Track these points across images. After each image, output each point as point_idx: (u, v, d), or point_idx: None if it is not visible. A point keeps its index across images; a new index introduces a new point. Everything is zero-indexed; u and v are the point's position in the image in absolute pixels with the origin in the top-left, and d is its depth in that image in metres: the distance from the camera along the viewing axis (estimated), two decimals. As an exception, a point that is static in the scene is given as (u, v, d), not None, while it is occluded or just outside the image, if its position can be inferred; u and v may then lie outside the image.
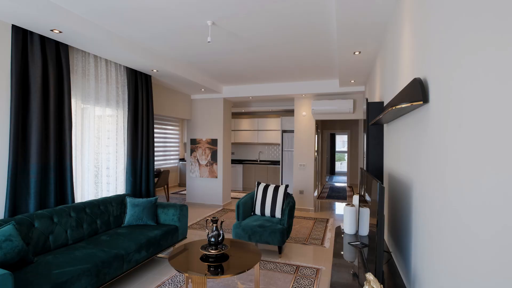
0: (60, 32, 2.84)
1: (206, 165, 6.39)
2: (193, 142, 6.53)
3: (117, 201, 3.51)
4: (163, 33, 3.28)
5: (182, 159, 9.32)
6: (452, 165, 1.03)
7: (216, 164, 6.32)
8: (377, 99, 3.30)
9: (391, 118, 2.14)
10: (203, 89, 5.75)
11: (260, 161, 8.96)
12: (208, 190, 6.41)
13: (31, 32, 2.82)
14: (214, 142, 6.35)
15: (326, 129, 10.06)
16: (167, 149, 8.62)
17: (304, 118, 6.08)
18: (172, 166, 8.94)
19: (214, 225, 2.43)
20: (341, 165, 16.48)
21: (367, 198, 2.36)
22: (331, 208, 6.36)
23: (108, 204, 3.37)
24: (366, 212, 2.54)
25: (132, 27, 3.13)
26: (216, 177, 6.32)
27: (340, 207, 6.48)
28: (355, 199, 2.97)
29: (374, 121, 2.37)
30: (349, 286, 1.82)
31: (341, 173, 13.19)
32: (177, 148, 9.16)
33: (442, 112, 1.14)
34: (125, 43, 3.46)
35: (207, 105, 6.43)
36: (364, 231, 2.63)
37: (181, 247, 2.69)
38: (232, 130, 8.89)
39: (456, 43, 1.00)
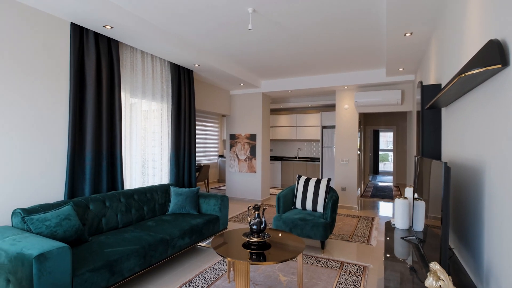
0: (111, 27, 3.02)
1: (245, 160, 6.41)
2: (232, 137, 6.60)
3: (162, 190, 3.64)
4: (205, 25, 3.32)
5: (221, 156, 9.50)
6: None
7: (255, 159, 6.31)
8: (432, 83, 3.01)
9: (453, 97, 1.90)
10: (242, 84, 5.78)
11: (299, 158, 8.79)
12: (247, 185, 6.42)
13: (87, 29, 3.03)
14: (253, 137, 6.35)
15: (369, 125, 9.54)
16: (207, 145, 8.85)
17: (346, 112, 5.81)
18: (211, 162, 9.14)
19: (256, 212, 2.39)
20: (384, 166, 15.57)
21: (415, 195, 2.13)
22: (376, 207, 5.99)
23: (154, 192, 3.51)
24: (421, 205, 2.31)
25: (175, 20, 3.21)
26: (255, 172, 6.31)
27: (386, 207, 6.07)
28: (408, 191, 2.73)
29: (432, 102, 2.14)
30: (406, 281, 1.65)
31: (385, 173, 12.44)
32: (216, 145, 9.36)
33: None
34: (169, 37, 3.58)
35: (246, 100, 6.46)
36: (419, 226, 2.39)
37: (223, 234, 2.69)
38: (270, 127, 8.84)
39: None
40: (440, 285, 1.18)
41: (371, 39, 3.68)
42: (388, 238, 2.40)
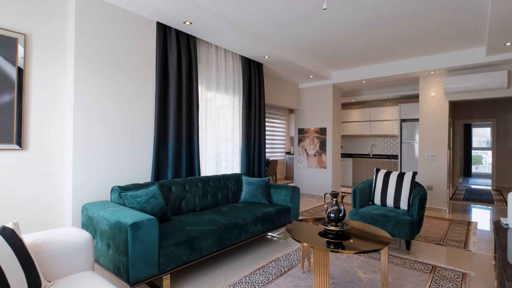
0: (190, 23, 3.22)
1: (314, 155, 6.20)
2: (301, 131, 6.45)
3: (235, 179, 3.74)
4: (275, 12, 3.28)
5: (288, 153, 9.41)
6: None
7: (325, 154, 6.04)
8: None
9: None
10: (311, 76, 5.60)
11: (373, 155, 8.12)
12: (316, 181, 6.19)
13: (169, 27, 3.30)
14: (322, 131, 6.10)
15: (459, 119, 8.26)
16: (274, 141, 8.87)
17: (433, 100, 5.11)
18: (279, 159, 9.13)
19: (334, 199, 2.22)
20: (477, 169, 13.32)
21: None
22: (470, 211, 5.11)
23: (227, 180, 3.63)
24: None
25: (246, 10, 3.24)
26: (325, 168, 6.04)
27: (484, 211, 5.13)
28: (527, 184, 2.20)
29: None
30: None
31: (480, 175, 10.65)
32: (283, 141, 9.31)
33: None
34: (241, 30, 3.65)
35: (315, 93, 6.24)
36: (547, 226, 1.90)
37: (298, 222, 2.59)
38: (341, 122, 8.40)
39: None
40: None
41: (468, 8, 3.13)
42: (500, 239, 1.97)
